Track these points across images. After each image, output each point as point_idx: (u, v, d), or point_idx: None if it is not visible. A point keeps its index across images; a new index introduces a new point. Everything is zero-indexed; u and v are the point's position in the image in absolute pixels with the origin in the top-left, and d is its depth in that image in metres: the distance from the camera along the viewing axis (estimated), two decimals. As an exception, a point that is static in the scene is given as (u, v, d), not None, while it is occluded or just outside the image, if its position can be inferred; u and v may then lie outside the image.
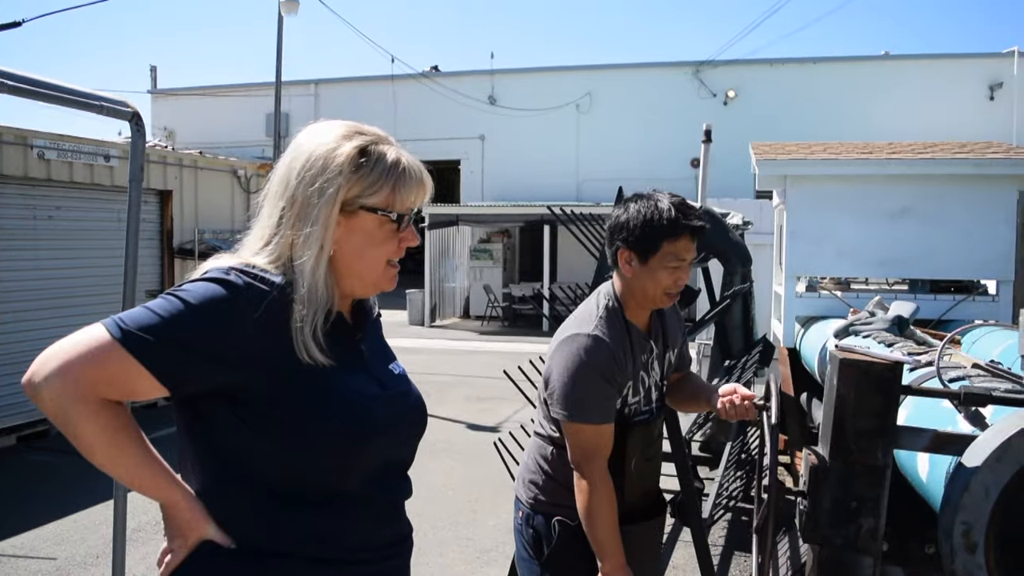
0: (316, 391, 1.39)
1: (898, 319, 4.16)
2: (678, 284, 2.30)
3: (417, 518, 1.63)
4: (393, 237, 1.49)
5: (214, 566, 1.39)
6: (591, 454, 2.22)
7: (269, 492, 1.40)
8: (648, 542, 2.48)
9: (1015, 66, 20.24)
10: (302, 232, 1.41)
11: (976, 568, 1.77)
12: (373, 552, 1.50)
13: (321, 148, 1.44)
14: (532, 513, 2.39)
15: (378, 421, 1.46)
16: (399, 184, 1.46)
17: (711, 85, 22.29)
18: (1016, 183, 5.27)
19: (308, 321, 1.38)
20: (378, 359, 1.58)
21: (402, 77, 23.92)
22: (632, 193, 2.37)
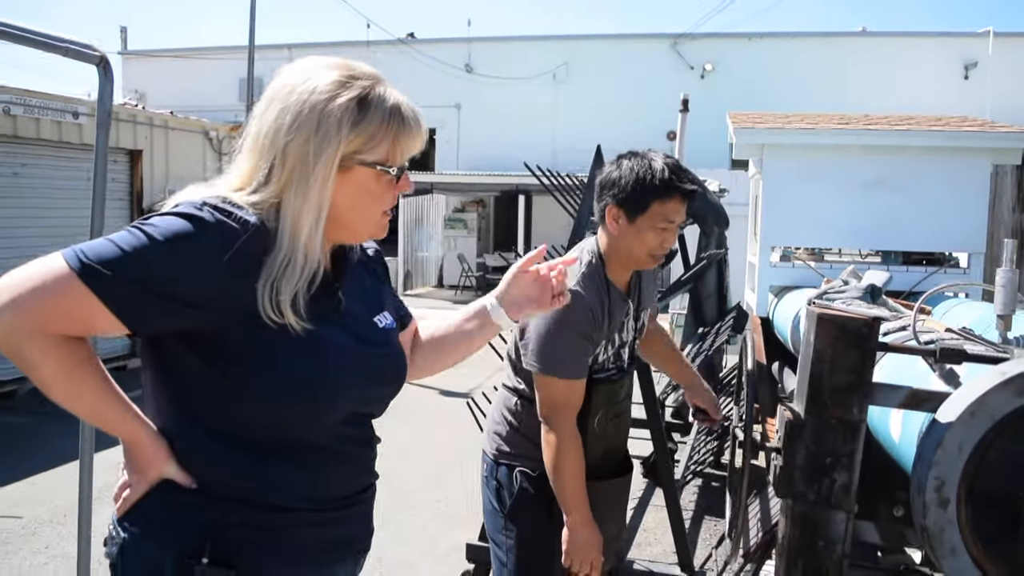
0: (282, 340, 1.33)
1: (871, 288, 4.18)
2: (664, 246, 2.29)
3: (387, 481, 1.61)
4: (390, 189, 1.42)
5: (171, 505, 1.36)
6: (561, 408, 2.22)
7: (231, 437, 1.36)
8: (611, 500, 2.49)
9: (990, 46, 20.36)
10: (295, 192, 1.33)
11: (947, 523, 1.78)
12: (335, 501, 1.46)
13: (316, 97, 1.34)
14: (496, 464, 2.40)
15: (345, 375, 1.41)
16: (400, 136, 1.38)
17: (689, 58, 22.24)
18: (990, 156, 5.29)
19: (289, 288, 1.31)
20: (359, 309, 1.51)
21: (378, 43, 23.64)
22: (626, 151, 2.34)
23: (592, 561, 2.23)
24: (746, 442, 2.08)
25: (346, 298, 1.47)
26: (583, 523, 2.22)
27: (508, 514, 2.36)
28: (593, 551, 2.22)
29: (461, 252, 19.22)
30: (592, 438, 2.34)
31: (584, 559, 2.22)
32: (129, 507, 1.38)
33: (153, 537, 1.37)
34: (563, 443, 2.21)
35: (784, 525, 2.00)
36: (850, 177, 5.34)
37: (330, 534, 1.47)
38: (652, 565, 3.54)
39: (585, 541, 2.22)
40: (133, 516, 1.39)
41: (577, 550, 2.22)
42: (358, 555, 1.57)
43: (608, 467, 2.45)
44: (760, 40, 22.19)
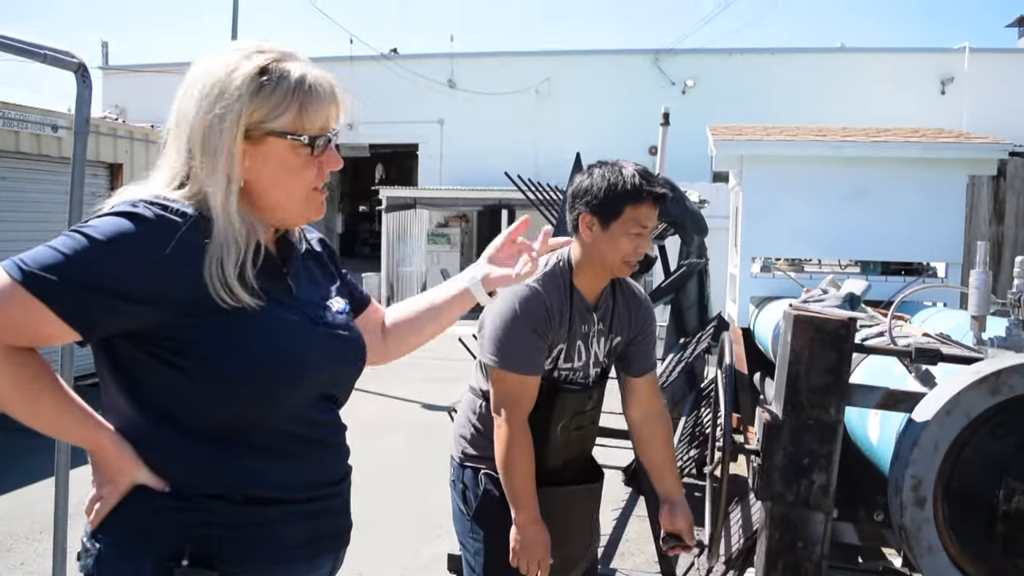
0: (236, 328, 1.32)
1: (850, 296, 4.21)
2: (638, 252, 2.30)
3: (369, 492, 1.60)
4: (311, 162, 1.39)
5: (146, 510, 1.34)
6: (513, 403, 2.25)
7: (197, 433, 1.34)
8: (579, 507, 2.48)
9: (966, 62, 20.60)
10: (206, 167, 1.32)
11: (924, 522, 1.79)
12: (314, 490, 1.45)
13: (218, 71, 1.34)
14: (461, 467, 2.42)
15: (304, 359, 1.39)
16: (307, 103, 1.35)
17: (670, 73, 22.37)
18: (966, 167, 5.35)
19: (231, 262, 1.30)
20: (312, 295, 1.50)
21: (361, 58, 23.64)
22: (596, 160, 2.37)
23: (539, 560, 2.24)
24: (725, 446, 2.09)
25: (296, 284, 1.47)
26: (530, 520, 2.24)
27: (474, 516, 2.37)
28: (539, 550, 2.23)
29: (444, 267, 19.09)
30: (553, 445, 2.35)
31: (531, 557, 2.23)
32: (102, 518, 1.36)
33: (130, 545, 1.35)
34: (513, 438, 2.23)
35: (763, 528, 2.01)
36: (829, 188, 5.38)
37: (311, 527, 1.45)
38: (633, 573, 3.53)
39: (531, 539, 2.23)
40: (107, 526, 1.36)
41: (524, 548, 2.23)
42: (339, 549, 1.55)
43: (571, 474, 2.45)
44: (740, 56, 22.36)
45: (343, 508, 1.55)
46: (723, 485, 2.14)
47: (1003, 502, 1.74)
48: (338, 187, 30.52)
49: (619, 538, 4.80)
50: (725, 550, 3.25)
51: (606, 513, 4.95)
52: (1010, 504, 1.74)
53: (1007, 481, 1.74)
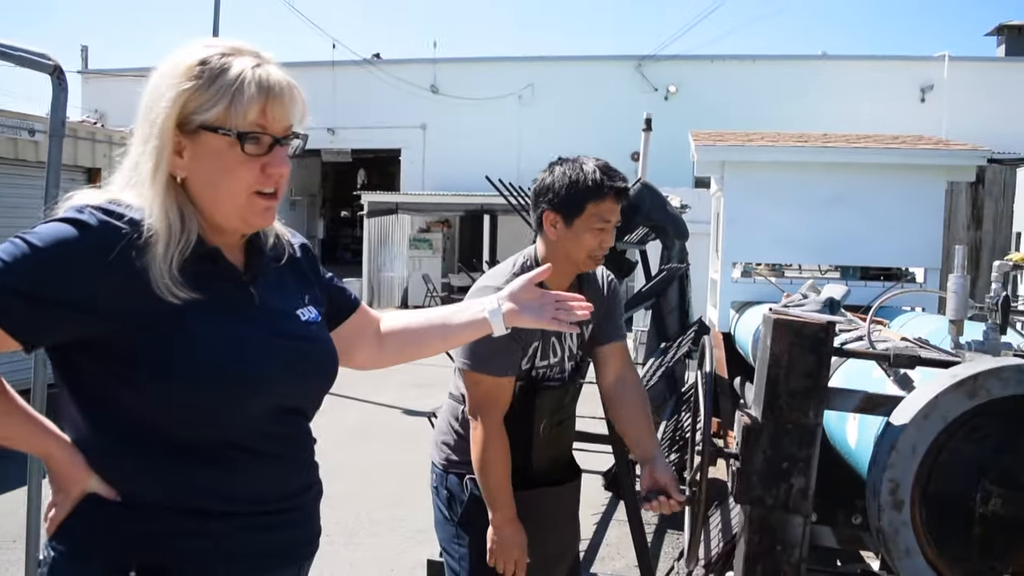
0: (183, 337, 1.29)
1: (830, 301, 4.23)
2: (602, 247, 2.31)
3: (351, 500, 1.58)
4: (250, 163, 1.33)
5: (96, 520, 1.31)
6: (488, 406, 2.25)
7: (146, 443, 1.31)
8: (562, 507, 2.49)
9: (945, 70, 20.80)
10: (141, 151, 1.31)
11: (902, 525, 1.80)
12: (268, 504, 1.41)
13: (167, 65, 1.32)
14: (445, 474, 2.40)
15: (257, 368, 1.35)
16: (237, 97, 1.29)
17: (653, 79, 22.45)
18: (945, 174, 5.40)
19: (160, 252, 1.26)
20: (278, 303, 1.46)
21: (343, 63, 23.59)
22: (556, 156, 2.37)
23: (516, 560, 2.23)
24: (704, 450, 2.08)
25: (261, 292, 1.43)
26: (507, 521, 2.23)
27: (460, 522, 2.36)
28: (516, 550, 2.23)
29: (426, 272, 19.18)
30: (538, 446, 2.35)
31: (508, 558, 2.23)
32: (56, 526, 1.34)
33: (80, 555, 1.32)
34: (489, 440, 2.23)
35: (742, 533, 2.01)
36: (809, 194, 5.40)
37: (267, 539, 1.41)
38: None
39: (508, 540, 2.23)
40: (60, 535, 1.34)
41: (501, 549, 2.23)
42: (301, 561, 1.52)
43: (555, 473, 2.45)
44: (723, 62, 22.48)
45: (305, 520, 1.51)
46: (702, 489, 2.13)
47: (980, 505, 1.75)
48: (320, 192, 30.43)
49: (599, 543, 4.80)
50: (705, 554, 3.25)
51: (586, 517, 4.94)
52: (987, 507, 1.74)
53: (984, 484, 1.75)
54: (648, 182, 4.98)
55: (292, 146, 1.40)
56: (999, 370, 1.76)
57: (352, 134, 23.94)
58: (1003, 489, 1.73)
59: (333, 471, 1.55)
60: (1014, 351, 2.06)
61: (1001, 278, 2.34)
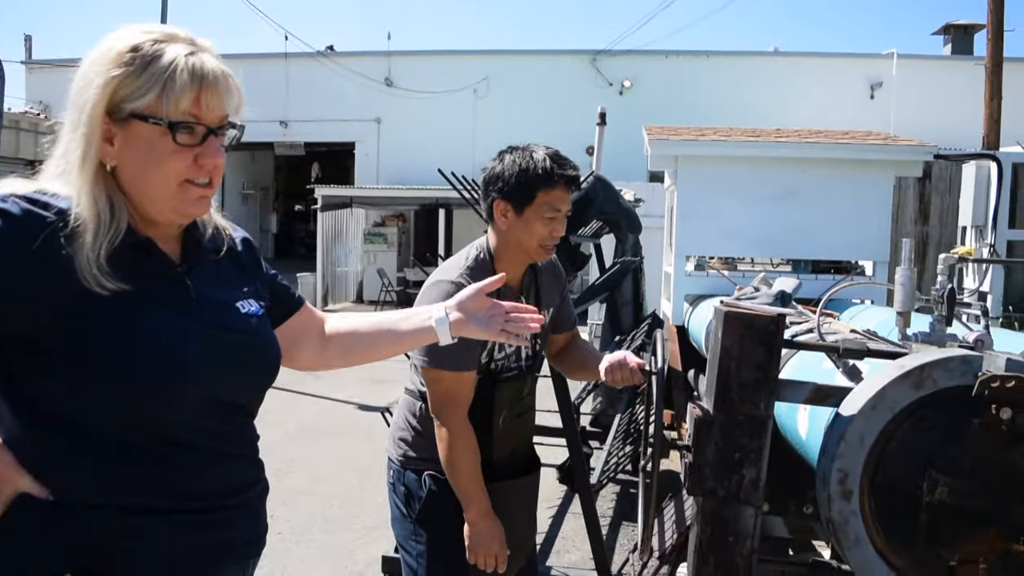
0: (112, 330, 1.25)
1: (781, 294, 4.28)
2: (553, 236, 2.30)
3: (305, 497, 1.54)
4: (182, 153, 1.30)
5: (29, 520, 1.27)
6: (452, 402, 2.22)
7: (82, 440, 1.27)
8: (522, 498, 2.49)
9: (894, 67, 21.18)
10: (72, 143, 1.27)
11: (851, 515, 1.81)
12: (208, 501, 1.38)
13: (98, 51, 1.29)
14: (403, 470, 2.37)
15: (190, 363, 1.31)
16: (169, 85, 1.26)
17: (608, 74, 22.55)
18: (893, 169, 5.49)
19: (88, 241, 1.23)
20: (216, 295, 1.43)
21: (296, 55, 23.33)
22: (506, 144, 2.36)
23: (496, 554, 2.22)
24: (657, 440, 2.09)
25: (198, 283, 1.40)
26: (482, 515, 2.21)
27: (418, 519, 2.33)
28: (495, 544, 2.21)
29: (381, 267, 19.06)
30: (499, 437, 2.33)
31: (487, 552, 2.21)
32: None
33: (13, 556, 1.28)
34: (455, 437, 2.20)
35: (695, 524, 2.01)
36: (761, 188, 5.46)
37: (208, 537, 1.38)
38: (569, 571, 3.53)
39: (486, 534, 2.21)
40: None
41: (479, 544, 2.21)
42: (246, 560, 1.49)
43: (516, 465, 2.44)
44: (677, 58, 22.64)
45: (248, 519, 1.48)
46: (653, 481, 2.14)
47: (927, 494, 1.77)
48: (272, 186, 30.10)
49: (555, 536, 4.81)
50: (659, 545, 3.26)
51: (541, 510, 4.93)
52: (933, 495, 1.77)
53: (931, 473, 1.77)
54: (601, 176, 4.99)
55: (228, 136, 1.37)
56: (945, 361, 1.78)
57: (305, 127, 23.69)
58: (949, 478, 1.76)
59: (287, 468, 1.53)
60: (959, 342, 2.09)
61: (947, 271, 2.37)
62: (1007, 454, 1.74)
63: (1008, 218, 7.87)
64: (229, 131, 1.36)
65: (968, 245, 8.12)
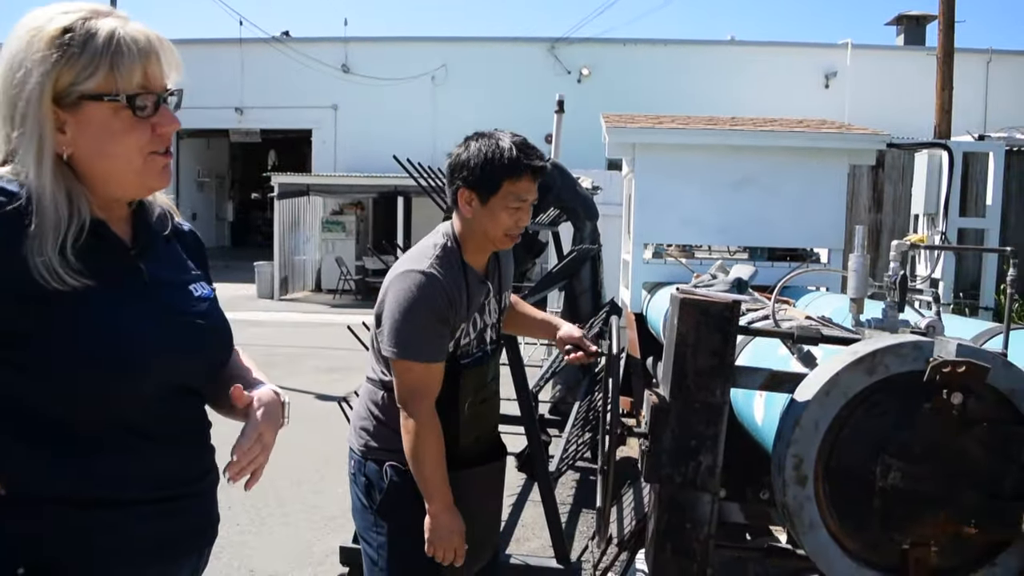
0: (67, 317, 1.23)
1: (738, 281, 4.32)
2: (519, 225, 2.28)
3: (260, 487, 1.50)
4: (139, 125, 1.28)
5: None
6: (420, 393, 2.19)
7: (36, 431, 1.25)
8: (487, 486, 2.47)
9: (848, 57, 21.43)
10: (18, 136, 1.23)
11: (806, 500, 1.83)
12: (164, 490, 1.36)
13: (22, 36, 1.24)
14: (364, 460, 2.34)
15: (147, 348, 1.30)
16: (117, 60, 1.24)
17: (566, 62, 22.55)
18: (848, 157, 5.55)
19: (50, 238, 1.20)
20: (168, 276, 1.41)
21: (251, 41, 23.00)
22: (473, 132, 2.33)
23: (455, 548, 2.19)
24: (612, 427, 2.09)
25: (152, 266, 1.38)
26: (444, 508, 2.18)
27: (379, 510, 2.30)
28: (455, 537, 2.19)
29: (339, 255, 18.90)
30: (464, 424, 2.31)
31: (447, 546, 2.18)
32: None
33: None
34: (422, 428, 2.17)
35: (652, 511, 2.02)
36: (718, 176, 5.50)
37: (165, 527, 1.36)
38: (528, 559, 3.53)
39: (446, 527, 2.18)
40: None
41: (439, 537, 2.18)
42: (202, 548, 1.48)
43: (481, 452, 2.42)
44: (635, 46, 22.70)
45: (204, 506, 1.47)
46: (610, 468, 2.14)
47: (879, 478, 1.79)
48: (228, 174, 29.70)
49: (514, 523, 4.80)
50: (618, 532, 3.28)
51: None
52: (886, 480, 1.79)
53: (883, 458, 1.79)
54: (559, 163, 4.99)
55: (171, 103, 1.34)
56: (897, 347, 1.80)
57: (261, 114, 23.39)
58: (902, 462, 1.78)
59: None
60: (911, 328, 2.12)
61: (899, 257, 2.40)
62: (958, 439, 1.77)
63: (959, 206, 8.02)
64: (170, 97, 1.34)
65: (920, 233, 8.25)
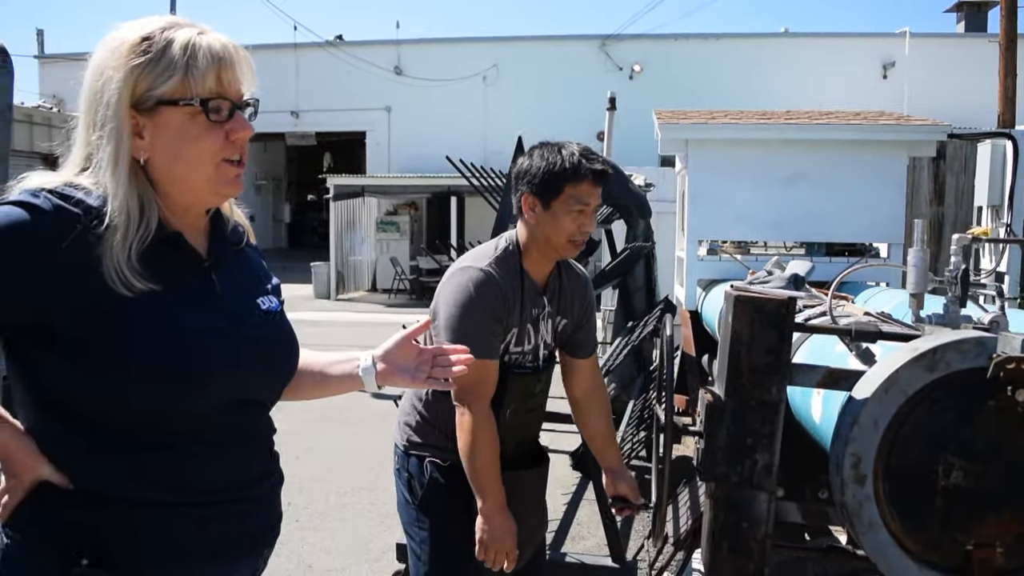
0: (138, 326, 1.26)
1: (794, 277, 4.25)
2: (582, 231, 2.29)
3: (319, 484, 1.54)
4: (214, 130, 1.31)
5: (49, 507, 1.29)
6: (476, 390, 2.20)
7: (102, 432, 1.29)
8: (529, 491, 2.47)
9: (906, 46, 20.97)
10: (99, 141, 1.27)
11: (865, 499, 1.80)
12: (221, 494, 1.39)
13: (107, 47, 1.29)
14: (406, 456, 2.38)
15: (213, 358, 1.32)
16: (191, 65, 1.28)
17: (617, 59, 22.44)
18: (907, 149, 5.43)
19: (119, 241, 1.23)
20: (238, 290, 1.44)
21: (305, 46, 23.34)
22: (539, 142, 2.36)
23: (508, 551, 2.19)
24: (667, 425, 2.08)
25: (223, 278, 1.41)
26: (496, 509, 2.18)
27: (420, 505, 2.33)
28: (508, 539, 2.18)
29: (394, 255, 19.07)
30: (504, 430, 2.32)
31: (499, 547, 2.18)
32: (9, 512, 1.32)
33: (32, 542, 1.30)
34: (477, 426, 2.18)
35: (708, 510, 2.01)
36: (773, 171, 5.42)
37: (221, 529, 1.39)
38: (583, 557, 3.53)
39: (499, 528, 2.18)
40: (14, 521, 1.32)
41: (492, 538, 2.18)
42: (261, 551, 1.50)
43: (520, 457, 2.43)
44: (687, 41, 22.51)
45: (261, 510, 1.49)
46: (666, 467, 2.13)
47: (941, 477, 1.76)
48: (285, 176, 30.17)
49: (570, 522, 4.81)
50: (673, 532, 3.26)
51: (556, 498, 4.95)
52: (948, 479, 1.76)
53: (945, 457, 1.76)
54: (611, 161, 4.97)
55: (246, 112, 1.38)
56: (958, 343, 1.77)
57: (316, 117, 23.70)
58: (964, 461, 1.75)
59: (302, 456, 1.52)
60: (974, 324, 2.07)
61: (961, 251, 2.35)
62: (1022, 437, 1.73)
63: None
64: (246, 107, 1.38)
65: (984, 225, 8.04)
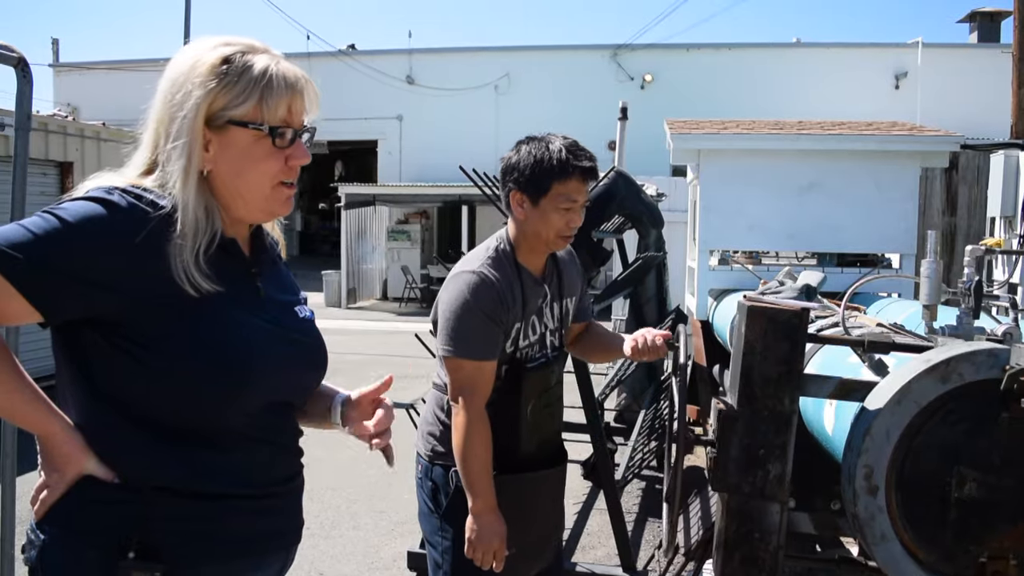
0: (198, 323, 1.32)
1: (806, 287, 4.25)
2: (570, 226, 2.30)
3: (331, 492, 1.58)
4: (275, 154, 1.39)
5: (93, 501, 1.33)
6: (470, 390, 2.22)
7: (150, 425, 1.33)
8: (549, 491, 2.48)
9: (919, 56, 20.92)
10: (170, 151, 1.34)
11: (877, 510, 1.80)
12: (262, 488, 1.45)
13: (184, 62, 1.36)
14: (430, 465, 2.38)
15: (263, 360, 1.39)
16: (267, 93, 1.36)
17: (628, 69, 22.47)
18: (919, 160, 5.42)
19: (188, 245, 1.30)
20: (278, 298, 1.51)
21: (318, 55, 23.45)
22: (524, 136, 2.35)
23: (495, 551, 2.18)
24: (680, 436, 2.08)
25: (266, 285, 1.47)
26: (487, 509, 2.19)
27: (444, 515, 2.33)
28: (496, 540, 2.18)
29: (405, 264, 19.11)
30: (526, 428, 2.32)
31: (487, 548, 2.18)
32: (48, 508, 1.34)
33: (75, 536, 1.33)
34: (470, 426, 2.19)
35: (720, 520, 2.01)
36: (785, 181, 5.42)
37: (260, 523, 1.45)
38: (594, 567, 3.53)
39: (489, 528, 2.18)
40: (53, 517, 1.34)
41: (480, 538, 2.18)
42: (290, 546, 1.56)
43: (544, 457, 2.43)
44: (698, 51, 22.52)
45: (293, 507, 1.55)
46: (677, 477, 2.13)
47: (954, 489, 1.76)
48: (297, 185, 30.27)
49: (580, 532, 4.80)
50: (685, 542, 3.25)
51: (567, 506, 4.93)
52: (961, 491, 1.75)
53: (958, 468, 1.75)
54: (622, 170, 4.97)
55: (304, 138, 1.45)
56: (972, 354, 1.76)
57: (328, 125, 23.70)
58: (977, 472, 1.74)
59: (313, 464, 1.55)
60: (987, 335, 2.07)
61: (974, 263, 2.34)
62: (1036, 448, 1.73)
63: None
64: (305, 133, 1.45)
65: (997, 236, 8.01)
